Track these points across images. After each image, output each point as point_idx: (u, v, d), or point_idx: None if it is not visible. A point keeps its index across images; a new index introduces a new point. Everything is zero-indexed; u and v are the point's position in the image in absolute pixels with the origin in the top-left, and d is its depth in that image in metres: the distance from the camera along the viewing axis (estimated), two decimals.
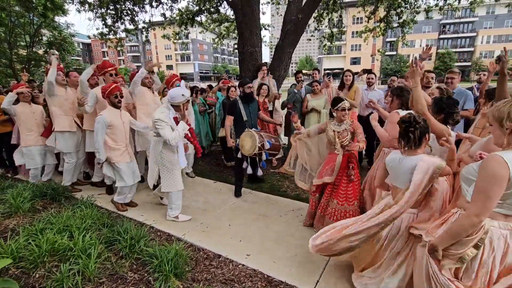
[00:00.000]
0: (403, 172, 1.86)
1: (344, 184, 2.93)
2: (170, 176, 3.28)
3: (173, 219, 3.40)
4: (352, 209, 2.88)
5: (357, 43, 49.03)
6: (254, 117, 4.10)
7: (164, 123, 3.05)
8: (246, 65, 5.60)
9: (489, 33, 47.44)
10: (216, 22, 8.30)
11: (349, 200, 2.89)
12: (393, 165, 1.95)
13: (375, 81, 5.12)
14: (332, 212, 2.96)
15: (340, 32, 8.85)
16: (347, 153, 2.96)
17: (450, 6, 6.87)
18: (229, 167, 5.35)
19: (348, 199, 2.89)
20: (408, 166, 1.86)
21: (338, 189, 2.94)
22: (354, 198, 2.90)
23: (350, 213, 2.88)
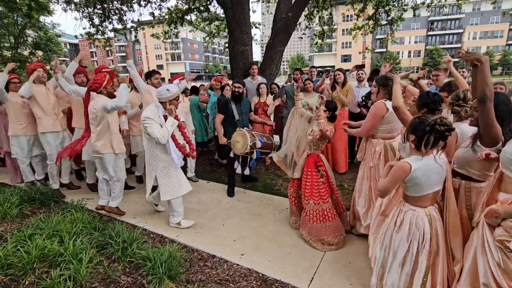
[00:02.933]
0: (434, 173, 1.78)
1: (316, 184, 2.93)
2: (167, 182, 3.13)
3: (176, 226, 3.31)
4: (327, 207, 2.91)
5: (348, 41, 49.38)
6: (246, 116, 4.11)
7: (152, 121, 2.95)
8: (237, 64, 5.58)
9: (476, 29, 48.44)
10: (206, 21, 8.22)
11: (323, 198, 2.91)
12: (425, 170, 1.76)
13: (365, 76, 5.17)
14: (312, 214, 2.94)
15: (330, 30, 8.90)
16: (315, 153, 2.96)
17: (437, 3, 6.98)
18: (222, 167, 5.33)
19: (322, 197, 2.92)
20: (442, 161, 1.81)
21: (312, 189, 2.95)
22: (327, 195, 2.94)
23: (327, 210, 2.90)
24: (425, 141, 1.70)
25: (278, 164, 3.51)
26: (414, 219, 1.82)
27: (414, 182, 1.75)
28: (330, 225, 2.88)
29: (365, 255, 2.71)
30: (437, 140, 1.70)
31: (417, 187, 1.77)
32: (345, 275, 2.47)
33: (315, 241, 2.90)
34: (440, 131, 1.66)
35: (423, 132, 1.70)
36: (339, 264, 2.63)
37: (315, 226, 2.90)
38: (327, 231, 2.86)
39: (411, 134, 1.78)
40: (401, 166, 1.75)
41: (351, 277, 2.44)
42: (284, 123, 5.24)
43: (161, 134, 2.92)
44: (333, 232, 2.87)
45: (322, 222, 2.88)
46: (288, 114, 5.13)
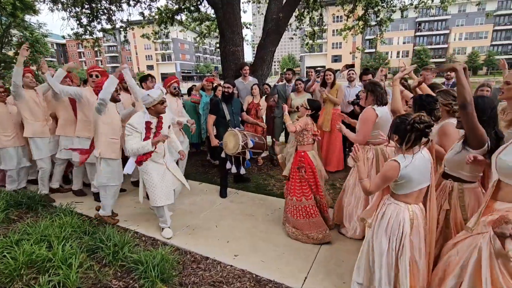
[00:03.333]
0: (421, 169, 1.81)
1: (299, 181, 2.99)
2: (151, 190, 2.99)
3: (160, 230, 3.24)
4: (310, 204, 2.96)
5: (338, 41, 49.91)
6: (237, 116, 4.11)
7: (133, 130, 2.82)
8: (228, 65, 5.57)
9: (461, 30, 49.69)
10: (197, 21, 8.16)
11: (306, 195, 2.96)
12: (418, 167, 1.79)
13: (355, 76, 5.22)
14: (295, 210, 2.99)
15: (321, 30, 8.98)
16: (300, 149, 3.03)
17: (424, 5, 7.12)
18: (214, 168, 5.31)
19: (305, 193, 2.96)
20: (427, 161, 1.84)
21: (295, 186, 3.01)
22: (311, 193, 2.98)
23: (310, 207, 2.95)
24: (406, 139, 1.74)
25: (281, 165, 3.54)
26: (395, 212, 1.85)
27: (404, 180, 1.78)
28: (314, 221, 2.94)
29: (357, 254, 2.72)
30: (419, 137, 1.75)
31: (406, 185, 1.80)
32: (338, 274, 2.49)
33: (300, 235, 2.96)
34: (420, 129, 1.70)
35: (404, 131, 1.74)
36: (332, 263, 2.65)
37: (299, 221, 2.96)
38: (311, 226, 2.93)
39: (394, 134, 1.82)
40: (391, 165, 1.78)
41: (344, 276, 2.46)
42: (276, 123, 5.27)
43: (131, 148, 2.81)
44: (316, 228, 2.93)
45: (306, 218, 2.94)
46: (280, 113, 5.19)
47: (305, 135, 2.98)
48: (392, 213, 1.87)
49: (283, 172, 3.27)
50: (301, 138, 2.99)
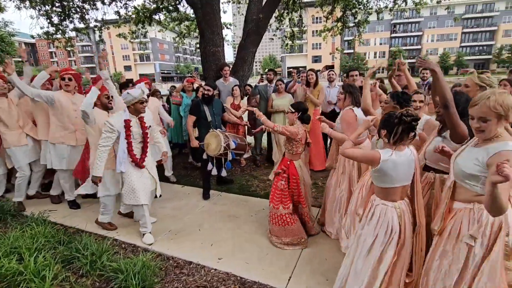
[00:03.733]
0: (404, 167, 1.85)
1: (279, 190, 2.92)
2: (129, 187, 2.92)
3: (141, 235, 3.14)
4: (287, 212, 2.87)
5: (318, 42, 50.77)
6: (218, 117, 4.07)
7: (109, 129, 2.78)
8: (209, 65, 5.50)
9: (433, 32, 52.25)
10: (176, 21, 7.99)
11: (284, 203, 2.88)
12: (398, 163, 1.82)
13: (335, 77, 5.34)
14: (272, 216, 2.96)
15: (301, 31, 9.09)
16: (287, 157, 2.96)
17: (398, 7, 7.39)
18: (197, 170, 5.22)
19: (284, 202, 2.89)
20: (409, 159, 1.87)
21: (274, 193, 2.96)
22: (289, 202, 2.90)
23: (286, 216, 2.87)
24: (394, 132, 1.77)
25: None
26: (383, 212, 1.88)
27: (382, 173, 1.82)
28: (290, 228, 2.87)
29: (340, 251, 2.79)
30: (406, 130, 1.78)
31: (385, 178, 1.83)
32: (321, 272, 2.52)
33: (276, 239, 2.94)
34: (407, 122, 1.75)
35: (392, 125, 1.78)
36: (315, 261, 2.68)
37: (275, 228, 2.93)
38: (286, 233, 2.88)
39: (382, 130, 1.86)
40: (374, 154, 1.83)
41: (328, 273, 2.49)
42: (258, 124, 5.26)
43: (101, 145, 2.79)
44: (291, 235, 2.88)
45: (281, 226, 2.89)
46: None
47: (295, 145, 2.87)
48: (381, 213, 1.90)
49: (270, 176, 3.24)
50: (290, 146, 2.90)
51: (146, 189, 3.01)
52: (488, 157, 1.49)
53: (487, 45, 51.36)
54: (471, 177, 1.57)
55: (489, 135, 1.53)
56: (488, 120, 1.51)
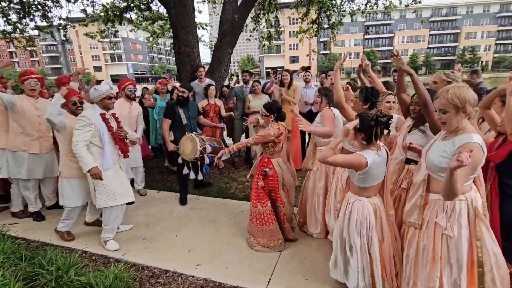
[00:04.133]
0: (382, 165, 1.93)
1: (255, 187, 2.92)
2: (104, 189, 2.83)
3: (103, 243, 2.97)
4: (265, 211, 2.86)
5: (295, 43, 51.48)
6: (194, 120, 3.97)
7: (85, 122, 2.68)
8: (184, 66, 5.36)
9: (403, 34, 54.84)
10: (148, 20, 7.68)
11: (262, 202, 2.87)
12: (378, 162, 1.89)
13: (311, 78, 5.40)
14: (252, 215, 2.94)
15: (277, 32, 9.13)
16: (265, 155, 2.94)
17: (371, 9, 7.62)
18: (173, 174, 5.07)
19: (261, 200, 2.88)
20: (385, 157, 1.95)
21: (252, 191, 2.96)
22: (267, 200, 2.89)
23: (265, 215, 2.85)
24: (374, 134, 1.84)
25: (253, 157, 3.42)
26: (360, 208, 1.94)
27: (368, 174, 1.87)
28: (267, 229, 2.85)
29: (318, 250, 2.82)
30: (383, 130, 1.86)
31: (368, 178, 1.90)
32: (301, 271, 2.53)
33: (253, 240, 2.92)
34: (384, 122, 1.82)
35: (370, 127, 1.83)
36: (295, 261, 2.68)
37: (254, 227, 2.91)
38: (263, 234, 2.86)
39: (360, 132, 1.90)
40: (360, 159, 1.85)
41: (307, 273, 2.50)
42: (236, 125, 5.21)
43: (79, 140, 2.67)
44: (268, 236, 2.86)
45: (259, 225, 2.87)
46: (239, 116, 5.13)
47: (270, 146, 2.85)
48: (358, 210, 1.96)
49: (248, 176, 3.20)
50: (266, 148, 2.88)
51: (122, 189, 2.93)
52: (455, 149, 1.57)
53: (452, 47, 54.75)
54: (443, 170, 1.64)
55: (450, 126, 1.61)
56: (447, 112, 1.59)
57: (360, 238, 1.95)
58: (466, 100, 1.54)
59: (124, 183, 2.99)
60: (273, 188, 2.90)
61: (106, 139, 2.81)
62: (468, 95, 1.54)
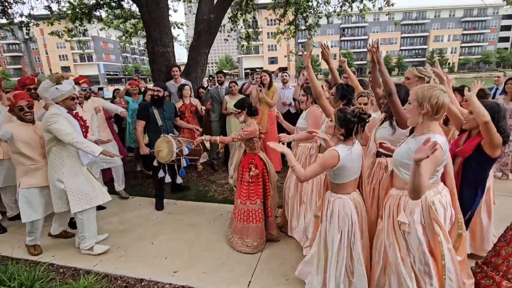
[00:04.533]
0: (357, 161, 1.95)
1: (246, 184, 2.91)
2: (79, 191, 2.70)
3: (87, 252, 2.83)
4: (254, 208, 2.86)
5: (273, 44, 51.92)
6: (170, 122, 3.85)
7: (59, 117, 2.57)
8: (158, 66, 5.19)
9: (377, 36, 56.83)
10: (120, 19, 7.37)
11: (252, 199, 2.87)
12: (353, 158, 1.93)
13: (289, 78, 5.43)
14: (238, 213, 2.92)
15: (255, 32, 9.13)
16: (250, 153, 2.95)
17: (346, 12, 7.81)
18: (149, 178, 4.89)
19: (251, 197, 2.87)
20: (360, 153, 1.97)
21: (241, 188, 2.94)
22: (257, 197, 2.89)
23: (253, 212, 2.85)
24: (355, 130, 1.86)
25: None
26: (341, 206, 1.95)
27: (341, 169, 1.88)
28: (254, 226, 2.85)
29: (298, 250, 2.81)
30: (363, 127, 1.89)
31: (343, 173, 1.91)
32: (281, 272, 2.52)
33: (237, 239, 2.89)
34: (364, 119, 1.85)
35: (351, 123, 1.85)
36: (275, 262, 2.67)
37: (238, 225, 2.88)
38: (249, 232, 2.85)
39: (341, 128, 1.91)
40: (332, 154, 1.85)
41: (287, 273, 2.49)
42: (213, 128, 5.12)
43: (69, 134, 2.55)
44: (253, 234, 2.85)
45: (246, 223, 2.86)
46: (216, 117, 5.06)
47: (256, 142, 2.89)
48: (340, 208, 1.96)
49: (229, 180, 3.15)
50: (251, 144, 2.89)
51: (95, 190, 2.83)
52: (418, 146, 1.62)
53: (422, 49, 57.70)
54: (404, 165, 1.71)
55: (412, 119, 1.70)
56: (410, 103, 1.69)
57: (340, 235, 1.95)
58: (426, 97, 1.60)
59: (95, 184, 2.89)
60: (262, 183, 2.92)
61: (80, 135, 2.72)
62: (433, 95, 1.59)
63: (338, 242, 1.95)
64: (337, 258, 1.97)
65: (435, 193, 1.71)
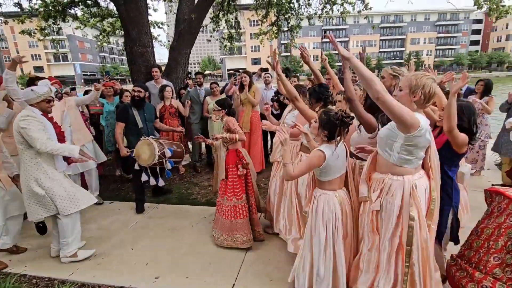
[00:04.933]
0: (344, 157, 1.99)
1: (230, 180, 2.91)
2: (64, 194, 2.57)
3: (71, 260, 2.70)
4: (240, 204, 2.87)
5: (256, 44, 52.14)
6: (151, 123, 3.75)
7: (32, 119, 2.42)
8: (137, 67, 5.05)
9: (357, 38, 58.62)
10: (97, 17, 7.10)
11: (237, 194, 2.89)
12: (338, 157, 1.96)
13: (271, 79, 5.44)
14: (225, 210, 2.91)
15: (238, 33, 9.11)
16: (232, 149, 2.95)
17: (327, 14, 7.94)
18: (128, 182, 4.74)
19: (236, 193, 2.89)
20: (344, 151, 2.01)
21: (226, 185, 2.93)
22: (242, 192, 2.90)
23: (239, 207, 2.87)
24: (337, 132, 1.90)
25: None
26: (326, 202, 1.99)
27: (328, 168, 1.93)
28: (241, 222, 2.86)
29: (282, 250, 2.81)
30: (346, 130, 1.93)
31: (329, 171, 1.96)
32: (265, 273, 2.51)
33: (226, 237, 2.87)
34: (347, 122, 1.89)
35: (334, 126, 1.89)
36: (259, 262, 2.66)
37: (227, 222, 2.87)
38: (238, 227, 2.85)
39: (324, 130, 1.94)
40: (318, 155, 1.91)
41: (271, 274, 2.49)
42: (194, 130, 5.01)
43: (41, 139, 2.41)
44: (242, 229, 2.86)
45: (234, 219, 2.85)
46: (196, 119, 4.96)
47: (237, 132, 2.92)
48: (324, 203, 1.99)
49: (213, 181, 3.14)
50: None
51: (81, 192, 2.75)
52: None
53: (400, 51, 59.83)
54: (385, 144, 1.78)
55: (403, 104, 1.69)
56: (401, 90, 1.72)
57: (326, 232, 1.97)
58: (420, 85, 1.64)
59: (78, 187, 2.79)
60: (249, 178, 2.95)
61: (54, 139, 2.59)
62: (426, 83, 1.63)
63: (324, 240, 1.97)
64: (325, 256, 1.99)
65: (417, 176, 1.77)
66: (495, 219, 1.91)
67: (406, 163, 1.75)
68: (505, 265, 1.77)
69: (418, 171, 1.80)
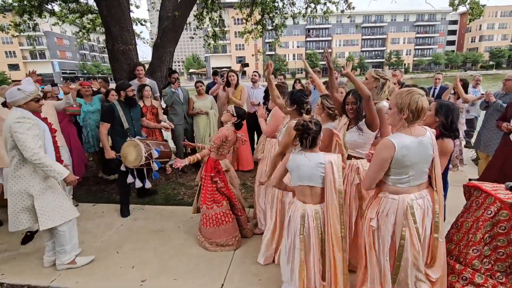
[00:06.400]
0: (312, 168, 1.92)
1: (210, 189, 2.86)
2: (56, 203, 2.41)
3: (68, 267, 2.59)
4: (221, 210, 2.84)
5: (241, 43, 51.88)
6: (137, 123, 3.65)
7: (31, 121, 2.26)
8: (120, 65, 4.89)
9: (340, 38, 59.66)
10: (76, 13, 6.80)
11: (217, 202, 2.85)
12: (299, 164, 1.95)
13: (258, 78, 5.43)
14: (206, 219, 2.86)
15: (222, 31, 9.02)
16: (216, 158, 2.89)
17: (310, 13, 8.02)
18: (112, 183, 4.61)
19: (216, 200, 2.85)
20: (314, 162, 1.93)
21: (205, 193, 2.88)
22: (222, 199, 2.88)
23: (221, 214, 2.84)
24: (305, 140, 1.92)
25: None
26: (293, 211, 2.03)
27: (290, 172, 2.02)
28: (224, 228, 2.84)
29: None
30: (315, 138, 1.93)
31: (292, 176, 2.02)
32: (253, 273, 2.52)
33: (209, 243, 2.86)
34: (316, 130, 1.90)
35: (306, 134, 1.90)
36: (247, 262, 2.66)
37: (208, 230, 2.85)
38: (220, 233, 2.84)
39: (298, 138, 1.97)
40: (286, 157, 2.05)
41: (259, 273, 2.50)
42: (178, 132, 4.89)
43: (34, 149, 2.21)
44: (226, 234, 2.84)
45: (216, 226, 2.83)
46: (179, 121, 4.83)
47: (225, 148, 2.85)
48: (292, 212, 2.04)
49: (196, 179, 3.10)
50: (221, 149, 2.85)
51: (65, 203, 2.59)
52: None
53: (381, 50, 61.42)
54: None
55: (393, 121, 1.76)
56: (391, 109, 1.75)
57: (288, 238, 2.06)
58: (405, 103, 1.63)
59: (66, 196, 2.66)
60: (225, 188, 2.91)
61: (49, 143, 2.47)
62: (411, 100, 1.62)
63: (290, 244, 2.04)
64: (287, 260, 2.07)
65: (417, 197, 1.73)
66: (474, 213, 2.00)
67: (398, 183, 1.73)
68: (483, 257, 1.86)
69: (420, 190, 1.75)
